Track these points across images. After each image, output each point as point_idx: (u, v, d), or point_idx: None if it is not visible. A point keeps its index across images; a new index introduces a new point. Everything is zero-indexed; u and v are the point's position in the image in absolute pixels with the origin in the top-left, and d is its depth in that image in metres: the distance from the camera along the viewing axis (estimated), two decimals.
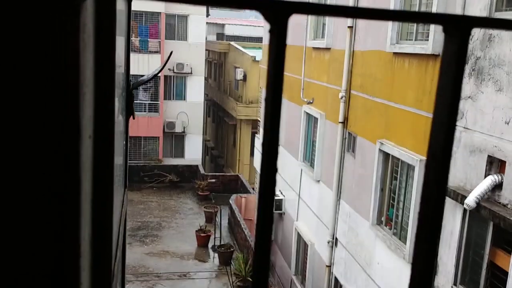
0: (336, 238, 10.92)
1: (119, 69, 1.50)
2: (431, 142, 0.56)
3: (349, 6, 0.49)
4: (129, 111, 1.58)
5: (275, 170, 0.50)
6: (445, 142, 0.54)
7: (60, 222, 0.48)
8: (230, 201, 18.76)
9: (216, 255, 16.57)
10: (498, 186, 6.00)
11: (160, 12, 25.15)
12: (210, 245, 17.43)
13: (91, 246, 0.68)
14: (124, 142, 1.59)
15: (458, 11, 6.78)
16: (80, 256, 0.54)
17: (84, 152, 0.53)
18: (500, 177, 5.98)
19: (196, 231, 17.62)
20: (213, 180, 22.65)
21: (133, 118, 1.65)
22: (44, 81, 0.43)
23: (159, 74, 24.76)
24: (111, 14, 0.66)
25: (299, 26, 13.31)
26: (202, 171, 24.41)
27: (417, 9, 8.05)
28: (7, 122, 0.45)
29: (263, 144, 0.51)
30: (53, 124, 0.45)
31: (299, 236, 13.21)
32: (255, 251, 0.48)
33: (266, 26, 0.48)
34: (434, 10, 7.29)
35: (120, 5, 1.33)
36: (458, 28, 0.51)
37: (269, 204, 0.48)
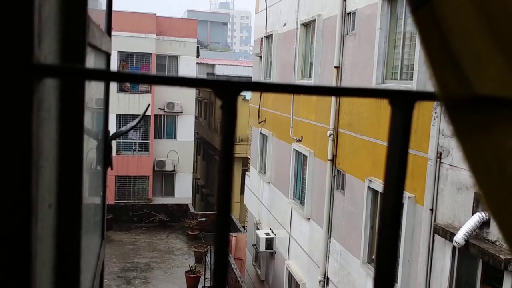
0: (328, 277, 10.77)
1: (98, 119, 1.52)
2: (383, 206, 0.58)
3: (291, 84, 0.51)
4: (107, 162, 1.59)
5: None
6: (394, 206, 0.56)
7: None
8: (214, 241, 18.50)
9: None
10: (486, 223, 6.01)
11: (151, 53, 25.51)
12: (200, 286, 17.09)
13: None
14: (102, 193, 1.59)
15: None
16: None
17: (40, 221, 0.54)
18: (487, 214, 6.00)
19: (186, 272, 17.31)
20: (203, 219, 22.43)
21: (111, 169, 1.66)
22: None
23: (148, 113, 24.85)
24: (78, 89, 0.68)
25: (287, 65, 13.56)
26: (192, 210, 24.20)
27: (400, 51, 8.25)
28: None
29: (217, 211, 0.53)
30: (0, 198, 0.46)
31: (290, 276, 13.02)
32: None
33: (218, 102, 0.51)
34: (417, 50, 7.49)
35: (99, 63, 1.37)
36: (403, 102, 0.53)
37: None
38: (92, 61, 1.16)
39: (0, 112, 0.43)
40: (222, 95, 0.49)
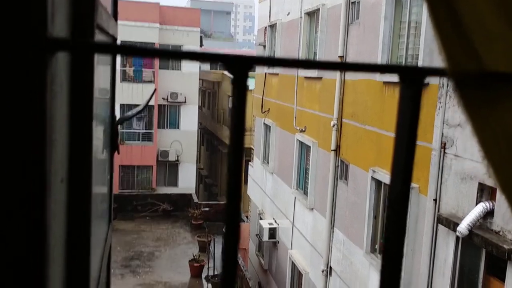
0: (331, 267, 10.82)
1: (104, 105, 1.53)
2: (390, 189, 0.58)
3: (300, 60, 0.51)
4: (113, 146, 1.60)
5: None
6: (402, 189, 0.56)
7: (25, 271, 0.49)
8: (224, 230, 18.61)
9: (210, 285, 16.33)
10: (489, 213, 6.02)
11: (154, 43, 25.45)
12: (203, 275, 17.20)
13: None
14: (109, 177, 1.61)
15: None
16: None
17: (53, 195, 0.55)
18: (491, 204, 6.00)
19: (190, 261, 17.42)
20: (207, 209, 22.53)
21: (118, 153, 1.67)
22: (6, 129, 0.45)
23: (152, 103, 24.85)
24: (88, 64, 0.69)
25: (291, 55, 13.51)
26: (195, 199, 24.29)
27: (405, 40, 8.21)
28: None
29: (228, 189, 0.53)
30: (15, 170, 0.46)
31: (293, 265, 13.08)
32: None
33: (230, 76, 0.51)
34: (422, 40, 7.44)
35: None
36: (413, 78, 0.53)
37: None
38: None
39: (16, 85, 0.44)
40: (233, 70, 0.49)
